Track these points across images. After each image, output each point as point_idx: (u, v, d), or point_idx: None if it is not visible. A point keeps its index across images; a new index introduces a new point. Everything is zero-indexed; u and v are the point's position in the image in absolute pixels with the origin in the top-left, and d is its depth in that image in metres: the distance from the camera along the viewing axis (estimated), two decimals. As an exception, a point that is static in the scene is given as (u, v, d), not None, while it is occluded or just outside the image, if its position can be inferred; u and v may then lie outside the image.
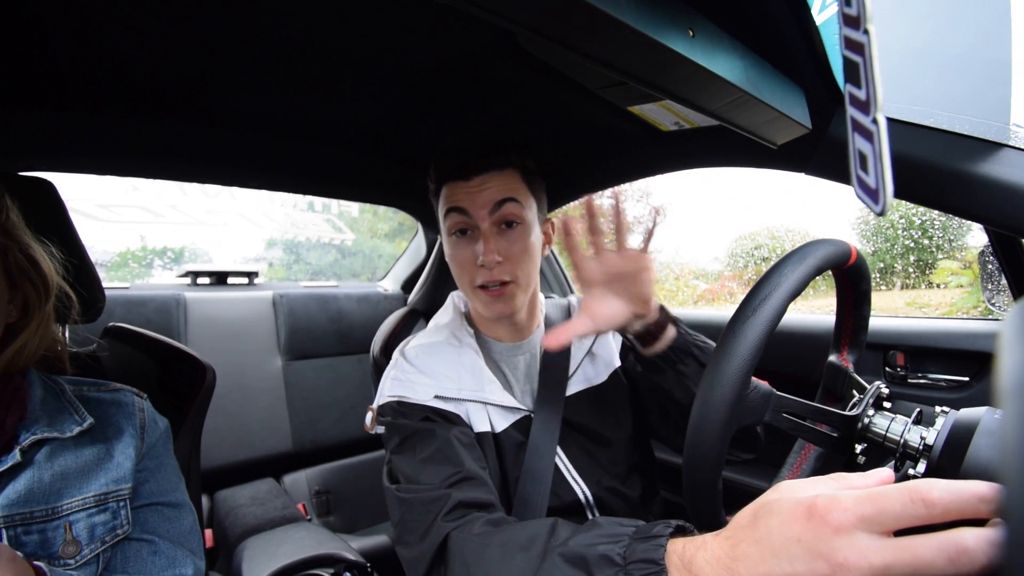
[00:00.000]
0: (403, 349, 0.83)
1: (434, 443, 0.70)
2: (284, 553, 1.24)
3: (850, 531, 0.33)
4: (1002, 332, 0.31)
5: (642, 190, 4.07)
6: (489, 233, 0.77)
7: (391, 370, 0.81)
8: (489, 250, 0.75)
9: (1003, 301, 0.98)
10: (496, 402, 0.79)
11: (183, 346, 0.89)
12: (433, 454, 0.69)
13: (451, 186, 0.80)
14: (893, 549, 0.32)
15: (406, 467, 0.70)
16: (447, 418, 0.75)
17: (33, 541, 0.55)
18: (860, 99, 0.37)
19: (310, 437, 1.74)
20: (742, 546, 0.38)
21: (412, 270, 1.95)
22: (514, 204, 0.78)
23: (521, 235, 0.79)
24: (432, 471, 0.67)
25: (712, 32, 0.57)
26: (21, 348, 0.61)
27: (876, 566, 0.31)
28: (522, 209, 0.78)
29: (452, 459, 0.69)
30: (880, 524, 0.33)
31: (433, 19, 0.68)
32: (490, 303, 0.79)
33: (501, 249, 0.77)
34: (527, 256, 0.79)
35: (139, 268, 2.78)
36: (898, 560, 0.31)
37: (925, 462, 0.58)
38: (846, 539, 0.33)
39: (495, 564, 0.53)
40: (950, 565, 0.30)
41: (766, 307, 0.56)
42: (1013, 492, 0.26)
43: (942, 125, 0.67)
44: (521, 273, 0.79)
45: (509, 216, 0.78)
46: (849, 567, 0.32)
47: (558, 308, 0.94)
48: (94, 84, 0.83)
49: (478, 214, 0.77)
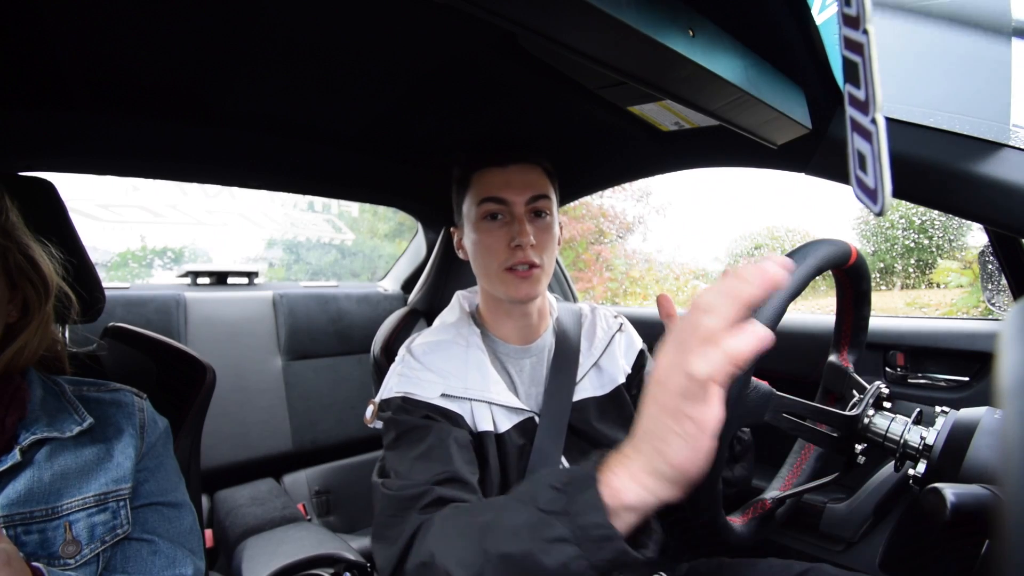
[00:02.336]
0: (410, 346, 0.84)
1: (428, 441, 0.71)
2: (284, 553, 1.24)
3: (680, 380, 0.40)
4: (1002, 332, 0.31)
5: (642, 190, 4.07)
6: (523, 217, 0.81)
7: (398, 366, 0.81)
8: (526, 232, 0.79)
9: (1003, 301, 0.98)
10: (501, 402, 0.79)
11: (183, 346, 0.89)
12: (425, 451, 0.70)
13: (485, 173, 0.83)
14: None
15: (397, 463, 0.71)
16: (449, 418, 0.75)
17: (33, 541, 0.55)
18: (859, 99, 0.37)
19: (310, 437, 1.74)
20: (632, 450, 0.44)
21: (412, 270, 1.95)
22: (546, 200, 0.83)
23: (549, 225, 0.84)
24: (421, 468, 0.68)
25: (712, 32, 0.57)
26: (21, 348, 0.61)
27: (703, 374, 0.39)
28: (550, 203, 0.84)
29: (443, 458, 0.69)
30: (692, 374, 0.39)
31: (433, 19, 0.68)
32: (518, 284, 0.80)
33: (534, 234, 0.81)
34: (552, 246, 0.84)
35: (139, 268, 2.78)
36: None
37: (925, 462, 0.58)
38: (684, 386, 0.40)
39: (456, 544, 0.54)
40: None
41: (766, 307, 0.56)
42: (1013, 492, 0.26)
43: (942, 125, 0.67)
44: (547, 261, 0.83)
45: (541, 207, 0.83)
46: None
47: (572, 313, 0.94)
48: (94, 84, 0.83)
49: (515, 200, 0.80)
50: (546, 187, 0.84)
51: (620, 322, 0.95)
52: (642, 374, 0.92)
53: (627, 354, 0.92)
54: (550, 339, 0.90)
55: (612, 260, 4.56)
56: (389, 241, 3.62)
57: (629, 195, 4.37)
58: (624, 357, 0.92)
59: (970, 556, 0.53)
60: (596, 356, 0.88)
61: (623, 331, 0.94)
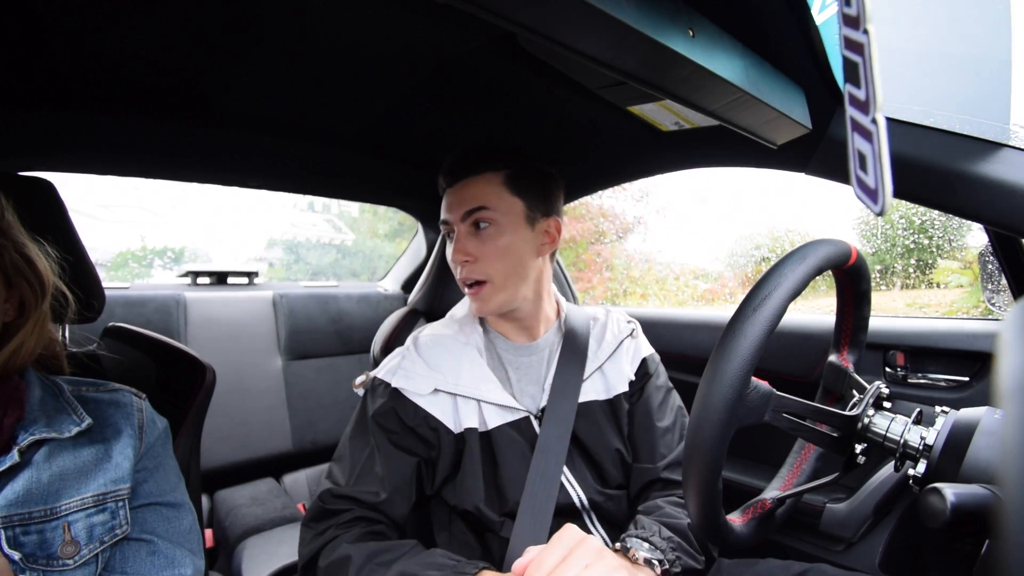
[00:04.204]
0: (417, 336, 0.87)
1: (383, 451, 0.78)
2: (284, 553, 1.24)
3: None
4: (1002, 332, 0.31)
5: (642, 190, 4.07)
6: (462, 234, 0.82)
7: (402, 350, 0.85)
8: (456, 250, 0.82)
9: (1003, 301, 0.98)
10: (491, 400, 0.80)
11: (183, 346, 0.89)
12: (369, 457, 0.78)
13: (445, 192, 0.86)
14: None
15: (349, 449, 0.80)
16: (429, 424, 0.79)
17: (32, 541, 0.55)
18: (860, 99, 0.37)
19: (310, 437, 1.74)
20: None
21: (412, 270, 1.95)
22: (483, 211, 0.81)
23: (492, 235, 0.81)
24: (362, 478, 0.77)
25: (712, 32, 0.57)
26: (18, 347, 0.61)
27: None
28: (493, 213, 0.81)
29: (382, 478, 0.77)
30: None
31: (433, 19, 0.68)
32: (472, 300, 0.84)
33: (472, 249, 0.81)
34: (502, 256, 0.81)
35: (139, 268, 2.78)
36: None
37: (925, 462, 0.58)
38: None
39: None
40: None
41: (766, 307, 0.56)
42: (1013, 492, 0.26)
43: (942, 125, 0.67)
44: (497, 273, 0.81)
45: (479, 219, 0.81)
46: None
47: (583, 317, 0.93)
48: (94, 84, 0.83)
49: (453, 218, 0.83)
50: (488, 194, 0.80)
51: (632, 328, 0.94)
52: (644, 383, 0.91)
53: (633, 361, 0.92)
54: (554, 338, 0.90)
55: (612, 260, 4.56)
56: (389, 241, 3.62)
57: (629, 195, 4.37)
58: (630, 364, 0.91)
59: (970, 556, 0.53)
60: (602, 360, 0.88)
61: (634, 337, 0.94)
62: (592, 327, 0.92)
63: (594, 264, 4.38)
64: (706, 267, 3.24)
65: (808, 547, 1.05)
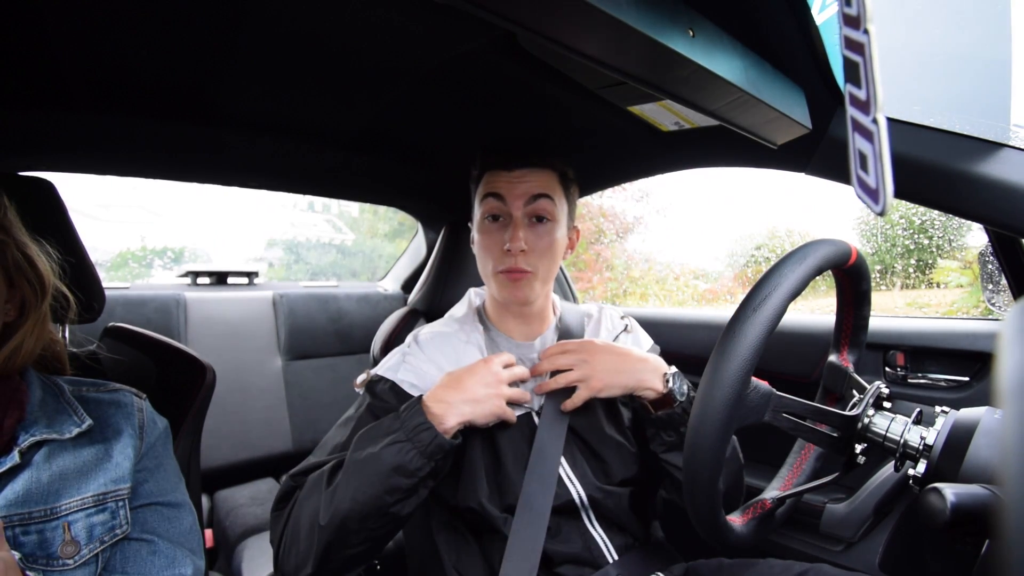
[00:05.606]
0: (417, 334, 0.87)
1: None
2: (284, 553, 1.23)
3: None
4: (1002, 332, 0.31)
5: (642, 190, 4.06)
6: (520, 222, 0.81)
7: (403, 348, 0.85)
8: (517, 237, 0.80)
9: (1003, 301, 0.98)
10: None
11: (183, 346, 0.89)
12: (348, 440, 0.76)
13: (492, 174, 0.84)
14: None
15: (329, 440, 0.79)
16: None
17: (32, 541, 0.55)
18: (860, 99, 0.37)
19: (310, 437, 1.74)
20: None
21: (412, 270, 1.95)
22: (547, 200, 0.82)
23: (549, 231, 0.83)
24: (336, 453, 0.75)
25: (712, 32, 0.56)
26: (18, 347, 0.61)
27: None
28: (554, 207, 0.82)
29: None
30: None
31: (433, 19, 0.68)
32: (508, 286, 0.82)
33: (529, 240, 0.81)
34: (551, 252, 0.83)
35: (139, 268, 2.78)
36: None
37: (925, 462, 0.58)
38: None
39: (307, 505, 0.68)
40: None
41: (766, 307, 0.56)
42: (1013, 492, 0.26)
43: (942, 125, 0.67)
44: (542, 266, 0.83)
45: (541, 211, 0.82)
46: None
47: (577, 314, 0.95)
48: (94, 84, 0.83)
49: (514, 203, 0.81)
50: (551, 187, 0.83)
51: (626, 323, 0.96)
52: None
53: None
54: (552, 337, 0.91)
55: (612, 260, 4.56)
56: (389, 241, 3.61)
57: (629, 195, 4.36)
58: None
59: (970, 556, 0.53)
60: None
61: (629, 331, 0.95)
62: (587, 324, 0.94)
63: (594, 264, 4.38)
64: (706, 267, 3.24)
65: (808, 547, 1.05)
